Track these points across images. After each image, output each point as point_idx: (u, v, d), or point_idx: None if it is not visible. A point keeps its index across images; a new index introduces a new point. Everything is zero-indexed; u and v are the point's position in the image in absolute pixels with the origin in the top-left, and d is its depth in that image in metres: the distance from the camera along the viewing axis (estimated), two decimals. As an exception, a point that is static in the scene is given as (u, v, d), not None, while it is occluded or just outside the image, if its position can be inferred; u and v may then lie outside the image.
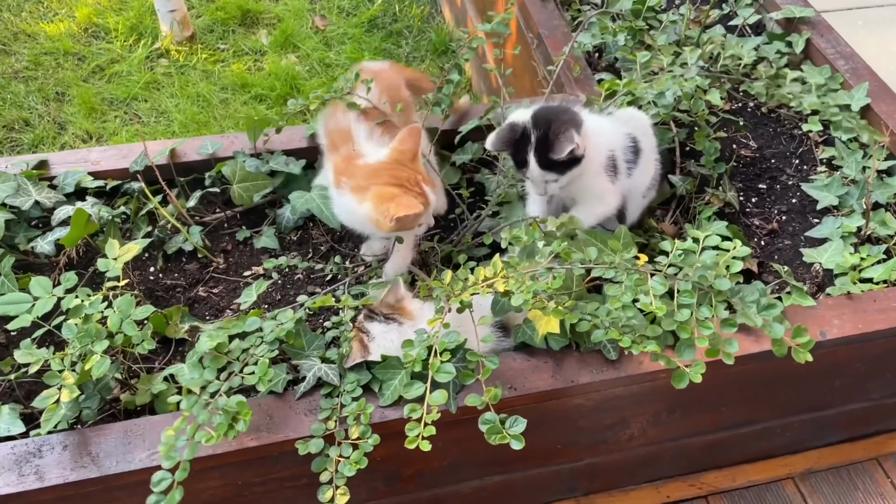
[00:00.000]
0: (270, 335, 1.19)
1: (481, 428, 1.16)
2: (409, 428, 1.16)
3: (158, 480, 1.12)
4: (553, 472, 1.61)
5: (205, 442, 1.12)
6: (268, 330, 1.20)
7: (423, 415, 1.16)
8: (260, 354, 1.17)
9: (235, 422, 1.12)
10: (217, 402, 1.13)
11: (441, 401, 1.19)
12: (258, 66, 3.15)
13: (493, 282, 1.25)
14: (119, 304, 1.22)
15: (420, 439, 1.14)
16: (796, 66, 2.11)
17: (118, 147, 1.75)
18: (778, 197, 1.83)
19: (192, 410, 1.13)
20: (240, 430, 1.13)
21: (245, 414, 1.13)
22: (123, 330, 1.20)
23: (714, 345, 1.23)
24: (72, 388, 1.19)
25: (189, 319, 1.41)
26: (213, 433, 1.11)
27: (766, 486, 1.79)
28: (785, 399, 1.63)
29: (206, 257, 1.62)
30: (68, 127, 2.82)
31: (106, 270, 1.28)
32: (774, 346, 1.28)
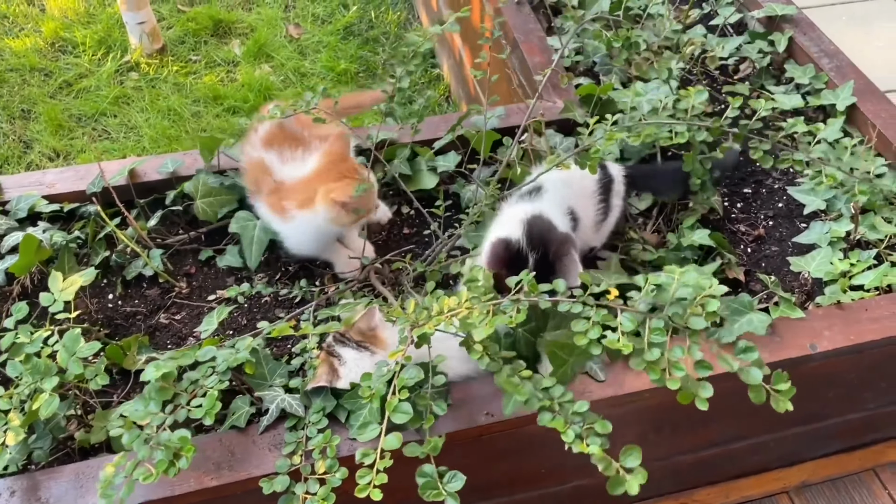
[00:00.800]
0: (223, 364, 1.11)
1: (417, 481, 1.08)
2: (360, 475, 1.07)
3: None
4: (539, 496, 1.54)
5: (142, 480, 1.04)
6: (221, 360, 1.13)
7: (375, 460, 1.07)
8: (209, 386, 1.09)
9: (177, 458, 1.04)
10: (159, 438, 1.05)
11: (395, 445, 1.10)
12: (231, 77, 3.08)
13: (457, 313, 1.18)
14: (65, 341, 1.14)
15: (371, 487, 1.06)
16: (779, 65, 2.05)
17: (75, 168, 1.67)
18: (764, 201, 1.77)
19: (132, 446, 1.05)
20: (181, 468, 1.05)
21: (187, 450, 1.05)
22: (70, 368, 1.13)
23: (686, 388, 1.13)
24: (17, 430, 1.12)
25: (146, 350, 1.34)
26: (153, 470, 1.03)
27: (760, 500, 1.72)
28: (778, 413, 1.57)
29: (168, 282, 1.54)
30: (34, 145, 2.73)
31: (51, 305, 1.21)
32: (752, 393, 1.17)
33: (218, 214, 1.60)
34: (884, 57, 3.13)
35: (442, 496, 1.06)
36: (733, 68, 2.11)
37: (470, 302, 1.20)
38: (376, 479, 1.08)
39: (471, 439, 1.29)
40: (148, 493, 1.15)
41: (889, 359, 1.50)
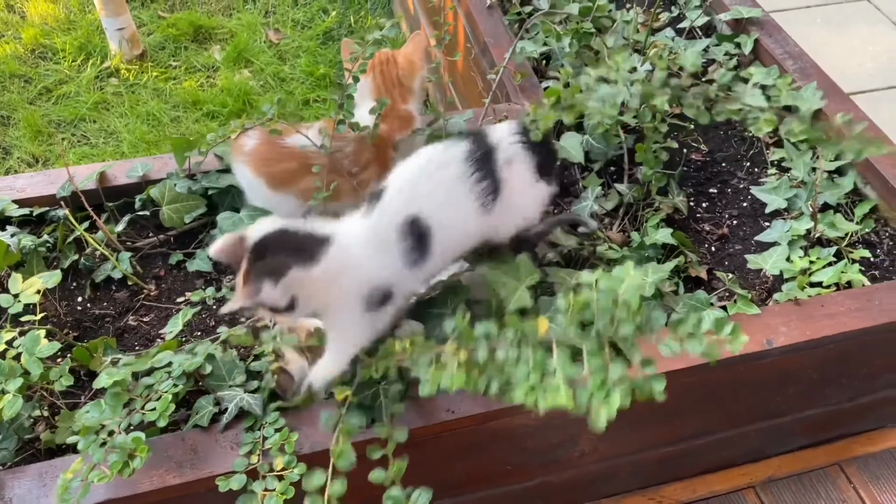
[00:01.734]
0: (178, 369, 1.13)
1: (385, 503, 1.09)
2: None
3: None
4: (505, 493, 1.57)
5: (97, 481, 1.06)
6: (177, 364, 1.14)
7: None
8: (164, 390, 1.11)
9: (132, 459, 1.06)
10: (114, 441, 1.07)
11: (341, 492, 1.09)
12: (211, 82, 3.09)
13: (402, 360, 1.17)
14: (25, 341, 1.16)
15: None
16: (746, 67, 2.08)
17: (46, 172, 1.69)
18: (729, 201, 1.80)
19: (88, 450, 1.07)
20: (136, 468, 1.07)
21: (141, 450, 1.07)
22: (29, 369, 1.14)
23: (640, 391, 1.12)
24: (-21, 431, 1.13)
25: (111, 352, 1.35)
26: (107, 472, 1.05)
27: (726, 496, 1.75)
28: (739, 408, 1.60)
29: (137, 284, 1.56)
30: (13, 151, 2.74)
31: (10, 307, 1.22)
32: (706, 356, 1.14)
33: (185, 220, 1.61)
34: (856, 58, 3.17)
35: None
36: (701, 71, 2.13)
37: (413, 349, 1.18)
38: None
39: (432, 436, 1.31)
40: (110, 492, 1.16)
41: (847, 354, 1.53)
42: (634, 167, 1.82)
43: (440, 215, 1.22)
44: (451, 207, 1.24)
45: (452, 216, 1.24)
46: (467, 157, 1.26)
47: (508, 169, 1.29)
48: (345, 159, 1.54)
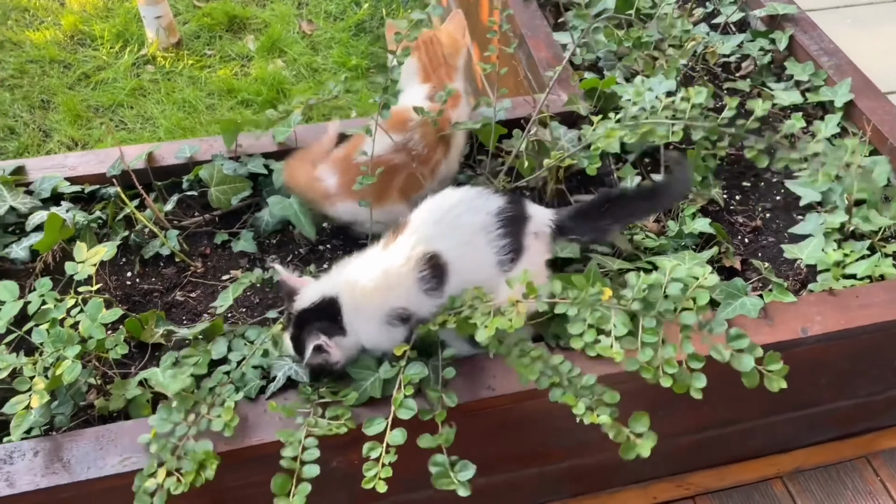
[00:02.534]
0: (237, 372, 1.21)
1: (431, 470, 1.15)
2: (367, 468, 1.14)
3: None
4: (536, 474, 1.60)
5: (173, 490, 1.11)
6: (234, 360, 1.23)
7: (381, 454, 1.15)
8: (226, 395, 1.17)
9: (203, 469, 1.13)
10: (185, 447, 1.14)
11: (400, 440, 1.16)
12: (245, 71, 3.14)
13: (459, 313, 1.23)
14: (88, 308, 1.21)
15: (378, 479, 1.12)
16: (780, 63, 2.10)
17: (96, 152, 1.74)
18: (762, 194, 1.82)
19: (160, 454, 1.13)
20: (208, 478, 1.13)
21: (211, 463, 1.13)
22: (92, 334, 1.19)
23: (680, 381, 1.17)
24: (42, 393, 1.18)
25: (164, 324, 1.40)
26: (182, 481, 1.11)
27: (754, 485, 1.76)
28: (770, 397, 1.61)
29: (184, 261, 1.60)
30: (53, 134, 2.81)
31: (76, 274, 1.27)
32: (745, 379, 1.19)
33: (231, 202, 1.66)
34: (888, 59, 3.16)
35: (454, 485, 1.12)
36: (735, 66, 2.15)
37: (473, 302, 1.24)
38: (382, 472, 1.14)
39: (470, 413, 1.34)
40: (164, 457, 1.21)
41: (879, 346, 1.55)
42: (670, 158, 1.85)
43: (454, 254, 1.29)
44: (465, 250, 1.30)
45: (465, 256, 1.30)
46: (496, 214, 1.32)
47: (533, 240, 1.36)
48: (417, 147, 1.58)
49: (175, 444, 1.17)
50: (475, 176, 1.79)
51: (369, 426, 1.19)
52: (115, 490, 1.23)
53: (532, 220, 1.37)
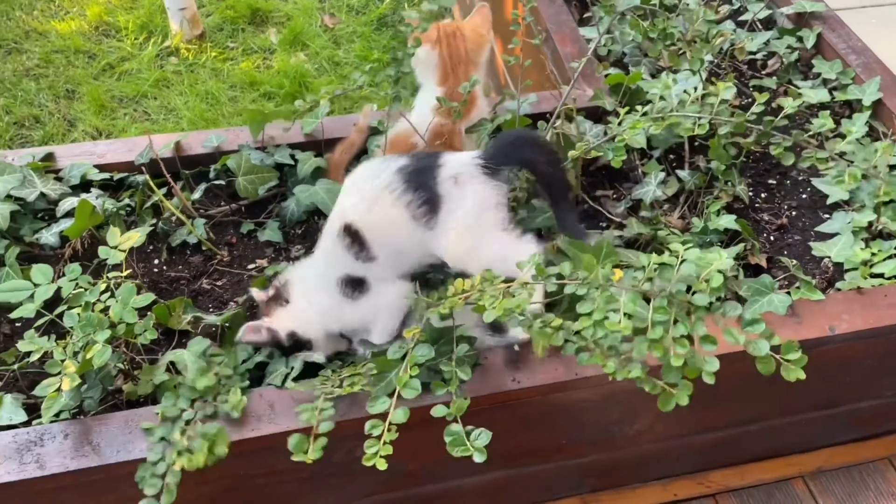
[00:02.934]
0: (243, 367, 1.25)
1: (445, 439, 1.15)
2: (368, 445, 1.14)
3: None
4: (559, 468, 1.60)
5: (187, 465, 1.14)
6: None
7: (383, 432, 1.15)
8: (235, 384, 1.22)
9: (215, 445, 1.15)
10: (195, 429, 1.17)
11: (402, 419, 1.17)
12: (267, 64, 3.16)
13: (469, 295, 1.23)
14: (120, 293, 1.22)
15: (378, 457, 1.13)
16: (807, 61, 2.09)
17: (124, 140, 1.76)
18: (788, 192, 1.81)
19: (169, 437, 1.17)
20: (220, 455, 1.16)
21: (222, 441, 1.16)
22: (124, 318, 1.20)
23: (692, 364, 1.14)
24: (73, 376, 1.19)
25: (192, 310, 1.41)
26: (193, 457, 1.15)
27: (775, 484, 1.76)
28: (795, 396, 1.61)
29: (211, 250, 1.62)
30: (78, 124, 2.83)
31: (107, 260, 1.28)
32: (760, 365, 1.17)
33: (259, 191, 1.67)
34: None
35: (469, 451, 1.12)
36: (761, 63, 2.14)
37: (482, 285, 1.24)
38: (383, 450, 1.15)
39: (497, 405, 1.34)
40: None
41: (907, 346, 1.53)
42: (695, 155, 1.84)
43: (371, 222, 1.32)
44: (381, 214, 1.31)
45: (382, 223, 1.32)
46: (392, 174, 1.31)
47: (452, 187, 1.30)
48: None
49: (183, 427, 1.20)
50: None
51: (373, 405, 1.20)
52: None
53: (445, 166, 1.32)
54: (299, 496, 1.41)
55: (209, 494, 1.33)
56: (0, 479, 1.18)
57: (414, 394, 1.19)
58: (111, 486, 1.24)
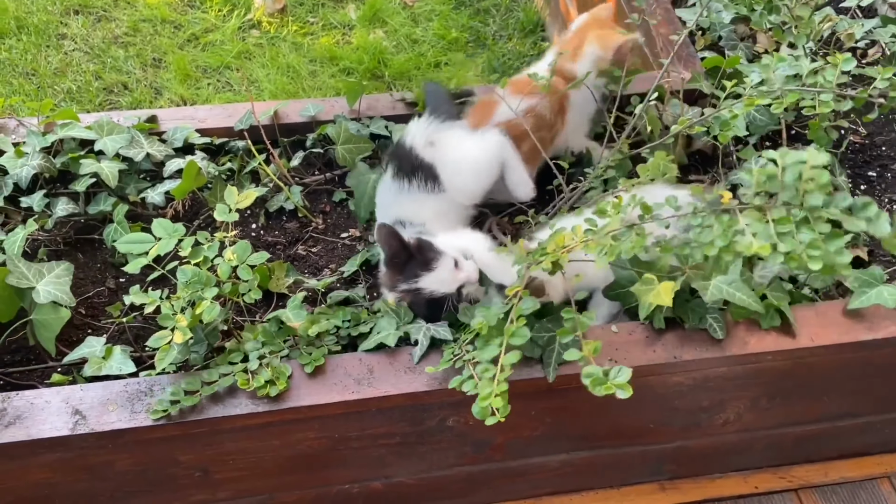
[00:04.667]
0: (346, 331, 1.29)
1: (584, 381, 1.12)
2: (482, 386, 1.14)
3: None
4: (641, 452, 1.59)
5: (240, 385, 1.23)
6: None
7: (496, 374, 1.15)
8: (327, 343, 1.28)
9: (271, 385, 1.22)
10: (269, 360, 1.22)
11: (514, 360, 1.16)
12: (346, 39, 3.18)
13: (573, 248, 1.22)
14: (236, 249, 1.25)
15: (493, 397, 1.12)
16: (912, 52, 2.01)
17: (224, 106, 1.79)
18: (889, 185, 1.75)
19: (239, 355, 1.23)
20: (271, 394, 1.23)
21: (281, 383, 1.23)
22: (239, 274, 1.23)
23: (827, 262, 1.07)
24: (185, 329, 1.23)
25: (293, 273, 1.43)
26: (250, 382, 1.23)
27: (860, 483, 1.72)
28: (890, 393, 1.57)
29: (306, 217, 1.64)
30: (164, 92, 2.89)
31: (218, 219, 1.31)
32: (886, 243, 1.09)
33: (356, 160, 1.68)
34: None
35: (612, 389, 1.11)
36: (862, 52, 2.07)
37: (586, 235, 1.24)
38: (496, 388, 1.14)
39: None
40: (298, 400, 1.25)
41: None
42: (792, 143, 1.79)
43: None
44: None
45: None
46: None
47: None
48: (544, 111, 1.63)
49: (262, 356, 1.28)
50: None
51: (483, 350, 1.19)
52: (244, 430, 1.28)
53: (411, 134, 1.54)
54: (388, 461, 1.43)
55: (304, 453, 1.36)
56: (112, 426, 1.22)
57: (522, 340, 1.17)
58: (213, 439, 1.28)
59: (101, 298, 1.52)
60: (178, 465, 1.33)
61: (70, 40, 3.09)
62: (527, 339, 1.18)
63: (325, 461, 1.40)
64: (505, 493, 1.63)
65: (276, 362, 1.26)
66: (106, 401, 1.24)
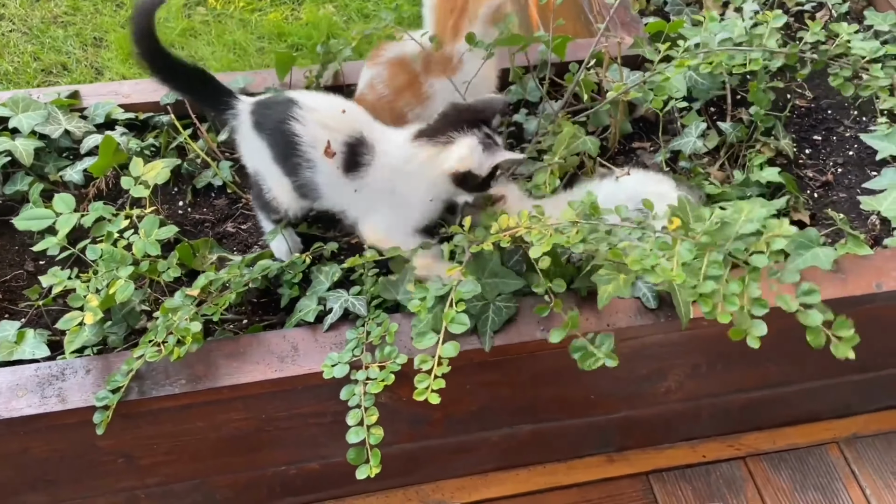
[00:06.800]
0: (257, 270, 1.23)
1: (573, 356, 1.13)
2: (419, 380, 1.11)
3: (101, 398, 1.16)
4: (586, 424, 1.56)
5: (148, 358, 1.13)
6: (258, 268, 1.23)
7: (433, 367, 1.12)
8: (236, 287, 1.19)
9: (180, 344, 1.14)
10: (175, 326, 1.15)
11: (452, 353, 1.13)
12: (295, 15, 3.10)
13: (516, 231, 1.19)
14: (143, 225, 1.19)
15: (429, 392, 1.10)
16: (858, 13, 1.99)
17: (150, 80, 1.71)
18: (834, 148, 1.73)
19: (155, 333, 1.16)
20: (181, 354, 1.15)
21: (188, 339, 1.14)
22: (147, 251, 1.18)
23: (739, 324, 1.10)
24: (95, 310, 1.17)
25: (217, 250, 1.38)
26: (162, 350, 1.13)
27: (808, 449, 1.71)
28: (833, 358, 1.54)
29: (235, 193, 1.58)
30: (105, 72, 2.81)
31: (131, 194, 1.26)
32: (810, 336, 1.12)
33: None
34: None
35: (601, 360, 1.12)
36: (809, 15, 2.05)
37: (529, 221, 1.21)
38: (434, 383, 1.12)
39: (526, 354, 1.31)
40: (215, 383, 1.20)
41: (956, 308, 1.46)
42: (737, 108, 1.77)
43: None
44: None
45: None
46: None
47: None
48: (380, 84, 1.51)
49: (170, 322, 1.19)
50: (530, 115, 1.73)
51: (420, 341, 1.16)
52: (163, 412, 1.23)
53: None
54: (322, 441, 1.39)
55: (232, 435, 1.32)
56: (21, 412, 1.17)
57: (462, 329, 1.14)
58: (131, 423, 1.23)
59: (19, 282, 1.46)
60: (99, 451, 1.28)
61: (8, 21, 2.99)
62: (467, 327, 1.15)
63: (255, 443, 1.36)
64: (449, 470, 1.60)
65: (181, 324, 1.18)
66: (15, 386, 1.19)
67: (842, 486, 1.64)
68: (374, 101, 1.51)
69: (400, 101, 1.53)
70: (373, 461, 1.08)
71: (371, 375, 1.13)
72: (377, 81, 1.52)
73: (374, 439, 1.10)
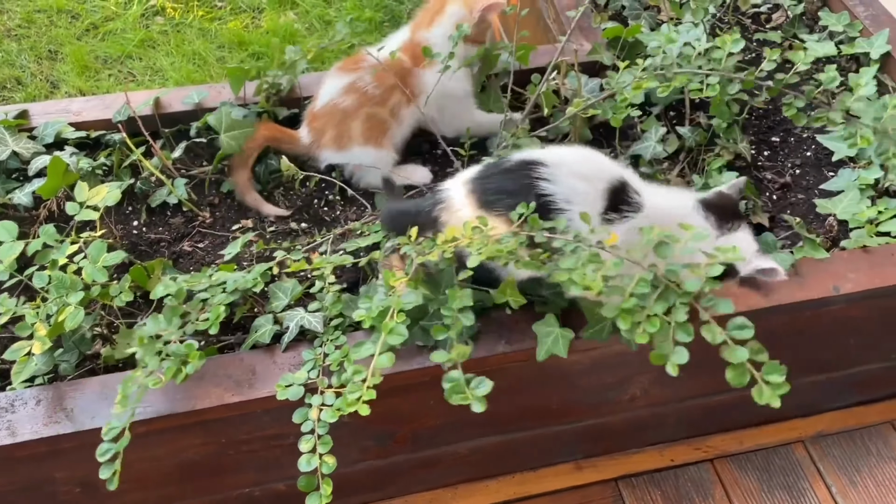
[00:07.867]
0: (232, 285, 1.14)
1: (444, 386, 1.07)
2: (350, 390, 1.08)
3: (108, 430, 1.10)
4: (553, 433, 1.56)
5: (152, 385, 1.08)
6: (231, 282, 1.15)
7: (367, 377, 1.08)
8: (217, 302, 1.12)
9: (185, 365, 1.09)
10: (168, 349, 1.10)
11: (387, 364, 1.09)
12: (256, 23, 3.06)
13: (459, 243, 1.17)
14: (89, 250, 1.16)
15: (360, 403, 1.06)
16: (813, 14, 2.01)
17: (101, 97, 1.68)
18: (792, 150, 1.75)
19: (145, 359, 1.09)
20: (189, 373, 1.10)
21: (193, 357, 1.09)
22: (95, 277, 1.15)
23: (658, 347, 1.05)
24: (43, 339, 1.14)
25: (171, 272, 1.35)
26: (162, 378, 1.07)
27: (774, 449, 1.72)
28: (796, 358, 1.56)
29: (192, 211, 1.56)
30: (61, 85, 2.75)
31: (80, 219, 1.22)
32: (731, 373, 1.08)
33: (242, 148, 1.60)
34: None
35: (469, 399, 1.06)
36: (765, 17, 2.06)
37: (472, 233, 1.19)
38: (365, 394, 1.08)
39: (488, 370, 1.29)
40: (169, 408, 1.18)
41: (913, 307, 1.48)
42: (696, 112, 1.77)
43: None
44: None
45: None
46: None
47: None
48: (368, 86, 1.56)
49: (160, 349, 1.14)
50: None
51: (357, 351, 1.12)
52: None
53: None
54: (286, 462, 1.37)
55: (192, 460, 1.29)
56: (-30, 447, 1.13)
57: (399, 339, 1.10)
58: (85, 454, 1.20)
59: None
60: (56, 482, 1.25)
61: (-42, 35, 2.92)
62: (405, 337, 1.12)
63: (217, 466, 1.33)
64: (418, 484, 1.58)
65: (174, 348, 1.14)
66: (-38, 420, 1.15)
67: (808, 485, 1.66)
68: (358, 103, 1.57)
69: (391, 99, 1.59)
70: (324, 490, 1.05)
71: (327, 402, 1.11)
72: (362, 84, 1.56)
73: (327, 468, 1.06)
